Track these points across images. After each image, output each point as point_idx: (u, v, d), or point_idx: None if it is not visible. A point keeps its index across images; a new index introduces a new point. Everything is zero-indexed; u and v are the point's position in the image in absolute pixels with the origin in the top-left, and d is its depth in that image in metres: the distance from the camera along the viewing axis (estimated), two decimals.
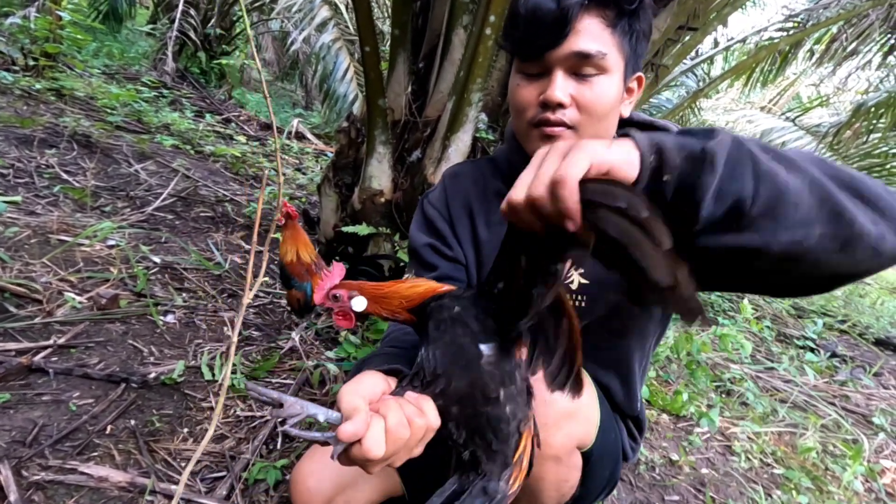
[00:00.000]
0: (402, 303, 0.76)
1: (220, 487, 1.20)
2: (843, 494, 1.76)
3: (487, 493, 0.67)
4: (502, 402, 0.67)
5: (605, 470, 0.99)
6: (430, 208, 1.11)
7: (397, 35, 2.18)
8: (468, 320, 0.70)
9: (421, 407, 0.63)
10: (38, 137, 3.00)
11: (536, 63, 0.88)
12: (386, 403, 0.61)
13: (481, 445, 0.67)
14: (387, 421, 0.59)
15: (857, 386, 2.84)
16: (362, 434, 0.56)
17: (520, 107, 0.93)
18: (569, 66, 0.86)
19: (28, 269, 1.78)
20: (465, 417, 0.66)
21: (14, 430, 1.19)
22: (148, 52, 7.03)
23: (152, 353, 1.61)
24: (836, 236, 0.57)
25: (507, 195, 0.58)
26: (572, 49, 0.84)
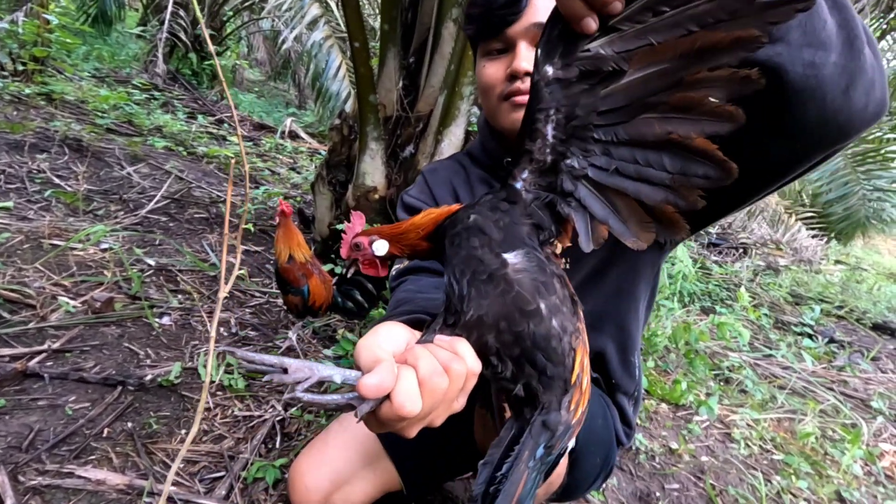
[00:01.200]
0: (418, 233, 0.70)
1: (219, 487, 1.20)
2: (842, 478, 1.77)
3: (549, 428, 0.58)
4: (545, 315, 0.57)
5: (596, 457, 0.98)
6: (412, 199, 1.12)
7: (387, 30, 2.17)
8: (487, 228, 0.61)
9: (455, 350, 0.53)
10: (29, 142, 2.98)
11: (498, 39, 0.91)
12: (414, 352, 0.51)
13: (533, 374, 0.57)
14: (418, 371, 0.49)
15: (855, 371, 2.86)
16: (390, 386, 0.47)
17: (488, 85, 0.95)
18: (530, 37, 0.89)
19: (21, 274, 1.77)
20: (505, 345, 0.56)
21: (10, 435, 1.18)
22: (138, 54, 6.98)
23: (148, 356, 1.60)
24: (845, 68, 0.57)
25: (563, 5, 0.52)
26: (532, 21, 0.87)
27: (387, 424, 0.49)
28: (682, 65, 0.50)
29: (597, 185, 0.58)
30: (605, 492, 1.49)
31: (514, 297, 0.57)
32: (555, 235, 0.62)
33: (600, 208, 0.58)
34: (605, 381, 1.08)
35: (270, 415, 1.47)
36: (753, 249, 5.53)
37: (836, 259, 6.55)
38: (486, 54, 0.95)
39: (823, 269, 5.83)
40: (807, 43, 0.55)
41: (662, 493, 1.55)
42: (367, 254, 0.73)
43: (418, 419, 0.50)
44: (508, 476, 0.56)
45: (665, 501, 1.51)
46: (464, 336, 0.56)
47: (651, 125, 0.53)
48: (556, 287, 0.59)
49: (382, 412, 0.48)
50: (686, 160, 0.52)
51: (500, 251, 0.59)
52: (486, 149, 1.08)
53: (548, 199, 0.61)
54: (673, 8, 0.49)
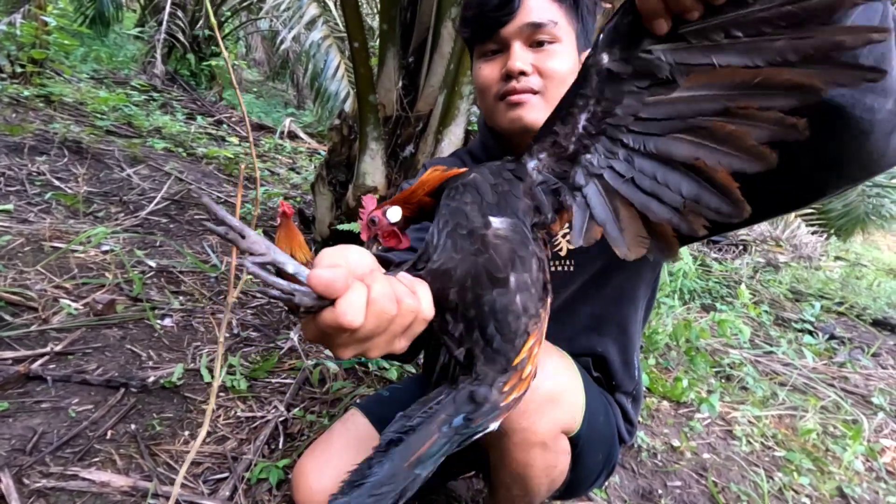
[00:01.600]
0: (424, 190, 0.70)
1: (222, 489, 1.20)
2: (843, 474, 1.78)
3: (475, 401, 0.56)
4: (511, 289, 0.56)
5: (598, 454, 0.99)
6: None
7: (386, 30, 2.17)
8: (482, 188, 0.60)
9: (414, 289, 0.52)
10: (28, 145, 2.98)
11: (493, 41, 0.93)
12: (373, 274, 0.50)
13: (479, 341, 0.56)
14: (370, 290, 0.47)
15: (855, 367, 2.86)
16: (339, 289, 0.45)
17: (484, 86, 0.97)
18: (524, 38, 0.92)
19: (22, 277, 1.77)
20: (464, 304, 0.55)
21: (14, 438, 1.18)
22: (136, 55, 6.97)
23: (151, 357, 1.60)
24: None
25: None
26: (524, 21, 0.90)
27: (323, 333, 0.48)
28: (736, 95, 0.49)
29: (607, 187, 0.58)
30: (608, 489, 1.49)
31: (486, 260, 0.56)
32: (549, 221, 0.62)
33: (602, 211, 0.58)
34: (606, 381, 1.09)
35: (273, 415, 1.48)
36: (753, 246, 5.53)
37: (835, 255, 6.55)
38: (482, 56, 0.97)
39: (823, 265, 5.84)
40: (871, 88, 0.57)
41: (665, 490, 1.55)
42: (384, 224, 0.72)
43: (355, 339, 0.48)
44: (416, 429, 0.56)
45: (667, 499, 1.51)
46: (427, 281, 0.55)
47: (682, 146, 0.52)
48: (532, 266, 0.58)
49: (323, 316, 0.46)
50: (703, 189, 0.52)
51: (487, 213, 0.58)
52: (486, 148, 1.09)
53: (555, 185, 0.61)
54: (747, 35, 0.48)
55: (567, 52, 0.94)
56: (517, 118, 0.94)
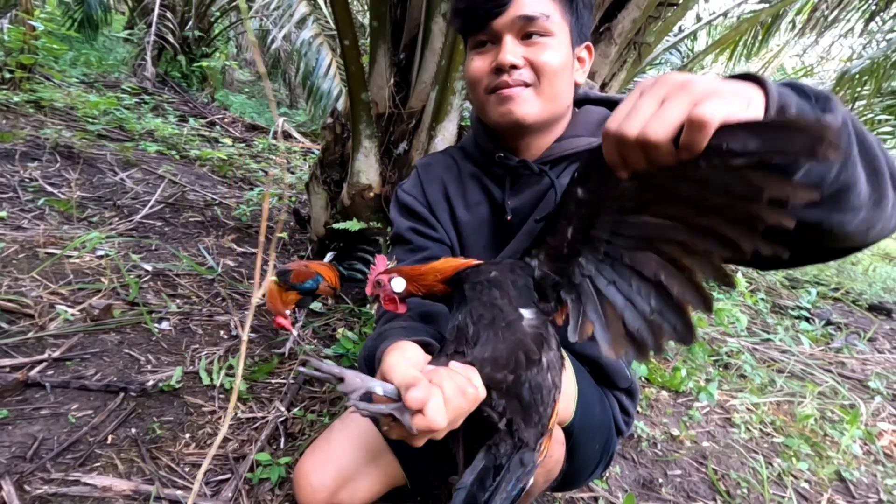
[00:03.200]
0: (436, 276, 0.79)
1: (225, 489, 1.20)
2: (842, 458, 1.79)
3: (524, 464, 0.67)
4: (544, 367, 0.67)
5: (594, 443, 0.99)
6: (406, 196, 1.13)
7: (376, 27, 2.16)
8: (505, 284, 0.71)
9: (470, 378, 0.61)
10: (20, 151, 2.96)
11: (484, 32, 0.92)
12: (438, 373, 0.60)
13: (520, 413, 0.66)
14: (443, 391, 0.57)
15: (852, 352, 2.88)
16: (428, 401, 0.55)
17: (475, 79, 0.96)
18: (516, 30, 0.91)
19: (18, 284, 1.77)
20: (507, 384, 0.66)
21: (14, 445, 1.18)
22: (126, 58, 6.92)
23: (149, 361, 1.60)
24: (871, 220, 0.61)
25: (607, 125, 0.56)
26: (516, 13, 0.89)
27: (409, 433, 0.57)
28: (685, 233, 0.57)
29: (596, 288, 0.67)
30: (608, 479, 1.50)
31: (523, 346, 0.66)
32: (552, 311, 0.72)
33: (592, 310, 0.66)
34: (600, 378, 1.09)
35: (273, 416, 1.48)
36: None
37: None
38: (474, 47, 0.96)
39: None
40: (839, 210, 0.59)
41: (665, 479, 1.56)
42: (388, 290, 0.82)
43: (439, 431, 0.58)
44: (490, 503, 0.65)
45: (668, 487, 1.52)
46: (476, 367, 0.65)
47: (650, 262, 0.61)
48: (553, 347, 0.69)
49: (416, 422, 0.56)
50: (666, 305, 0.60)
51: (517, 305, 0.70)
52: (477, 144, 1.09)
53: (555, 281, 0.71)
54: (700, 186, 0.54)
55: (560, 46, 0.93)
56: (508, 112, 0.94)
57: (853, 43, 5.85)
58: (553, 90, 0.94)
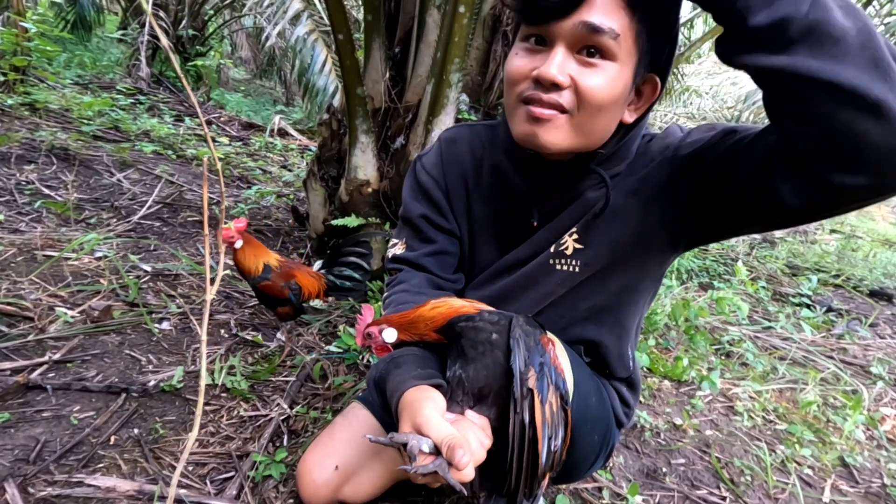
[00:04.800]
0: (427, 325, 0.81)
1: (229, 488, 1.20)
2: (845, 444, 1.79)
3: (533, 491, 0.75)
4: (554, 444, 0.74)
5: (593, 434, 0.98)
6: (425, 175, 1.06)
7: (370, 21, 2.14)
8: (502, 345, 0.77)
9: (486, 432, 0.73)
10: (16, 154, 2.95)
11: (539, 27, 0.77)
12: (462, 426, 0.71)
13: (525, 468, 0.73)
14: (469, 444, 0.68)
15: (853, 338, 2.88)
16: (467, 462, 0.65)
17: (512, 78, 0.82)
18: (574, 40, 0.75)
19: (16, 287, 1.76)
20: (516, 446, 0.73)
21: (16, 448, 1.18)
22: (120, 59, 6.89)
23: (150, 362, 1.60)
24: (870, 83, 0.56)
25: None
26: (582, 19, 0.73)
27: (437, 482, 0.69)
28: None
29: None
30: (612, 469, 1.50)
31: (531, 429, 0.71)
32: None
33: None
34: (598, 367, 1.08)
35: (276, 413, 1.48)
36: None
37: (831, 228, 6.57)
38: (523, 39, 0.81)
39: (819, 238, 5.86)
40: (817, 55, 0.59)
41: (669, 468, 1.56)
42: (379, 341, 0.84)
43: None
44: None
45: (672, 476, 1.52)
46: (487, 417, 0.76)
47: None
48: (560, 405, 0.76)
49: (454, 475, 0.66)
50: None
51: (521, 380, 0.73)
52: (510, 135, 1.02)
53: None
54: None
55: (619, 74, 0.77)
56: (532, 134, 0.81)
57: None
58: (591, 126, 0.81)
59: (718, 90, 7.90)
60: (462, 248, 1.08)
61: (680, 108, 8.55)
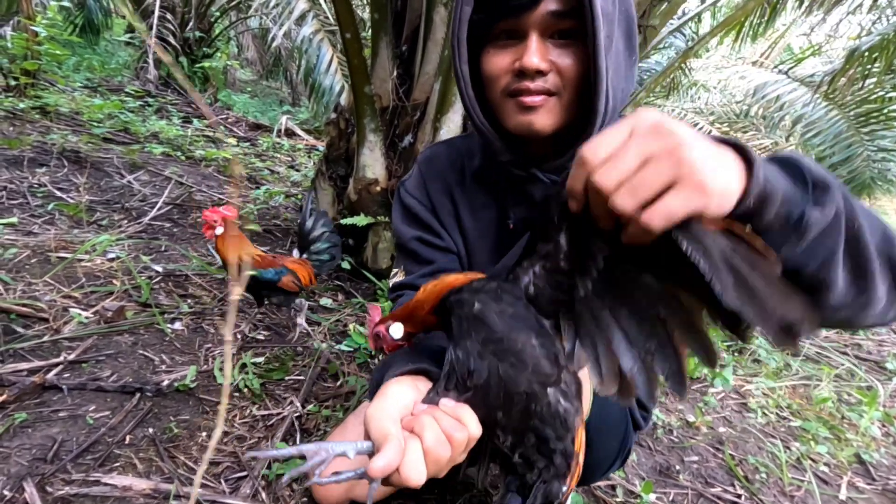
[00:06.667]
0: (423, 310, 0.75)
1: (243, 487, 1.21)
2: (861, 441, 1.77)
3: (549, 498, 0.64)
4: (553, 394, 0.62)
5: (612, 440, 0.98)
6: (409, 198, 1.06)
7: (377, 19, 2.14)
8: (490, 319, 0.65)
9: (460, 417, 0.59)
10: (28, 157, 2.98)
11: (509, 22, 0.80)
12: (420, 421, 0.57)
13: (535, 446, 0.62)
14: (423, 441, 0.55)
15: (868, 333, 2.85)
16: (395, 463, 0.53)
17: (491, 76, 0.84)
18: (544, 28, 0.79)
19: (31, 288, 1.78)
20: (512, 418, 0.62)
21: (34, 447, 1.19)
22: (128, 61, 6.95)
23: (163, 361, 1.61)
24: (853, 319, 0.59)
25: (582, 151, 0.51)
26: (549, 8, 0.77)
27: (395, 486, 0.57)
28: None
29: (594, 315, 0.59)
30: (626, 468, 1.50)
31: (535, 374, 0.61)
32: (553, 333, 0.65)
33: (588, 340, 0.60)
34: None
35: (289, 411, 1.48)
36: None
37: None
38: (493, 39, 0.84)
39: None
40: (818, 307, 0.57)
41: (682, 465, 1.55)
42: (389, 340, 0.80)
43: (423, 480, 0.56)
44: None
45: (685, 474, 1.51)
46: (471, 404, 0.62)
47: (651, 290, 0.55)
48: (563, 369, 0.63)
49: (392, 480, 0.55)
50: (662, 347, 0.54)
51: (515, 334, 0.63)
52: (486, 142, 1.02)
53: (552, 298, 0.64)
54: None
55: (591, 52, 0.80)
56: (527, 123, 0.83)
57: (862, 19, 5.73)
58: (575, 100, 0.83)
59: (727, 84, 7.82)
60: (461, 262, 1.07)
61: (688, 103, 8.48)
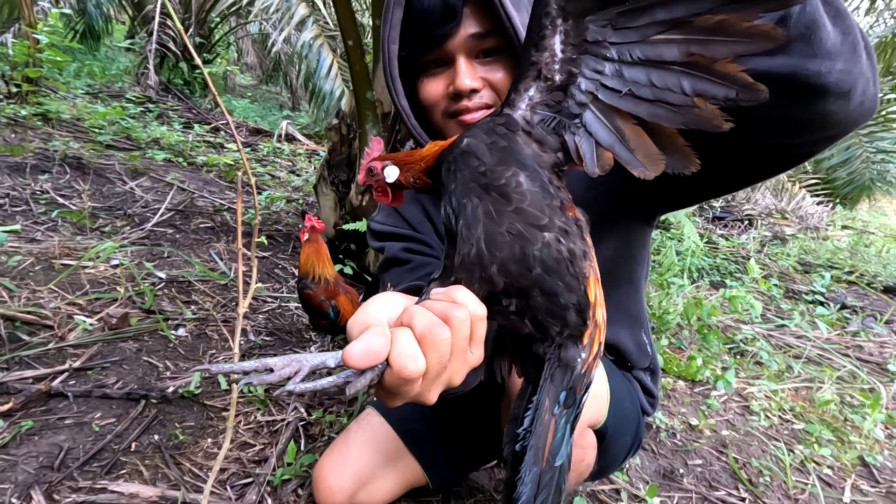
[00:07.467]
0: (421, 165, 0.69)
1: (249, 493, 1.21)
2: (864, 443, 1.78)
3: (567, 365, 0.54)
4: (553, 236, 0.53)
5: (626, 437, 0.99)
6: (383, 226, 1.08)
7: (378, 25, 2.15)
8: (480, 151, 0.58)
9: (454, 297, 0.50)
10: (30, 164, 2.99)
11: (436, 52, 0.86)
12: (407, 311, 0.48)
13: (542, 303, 0.52)
14: (414, 328, 0.46)
15: (869, 335, 2.85)
16: (379, 351, 0.44)
17: (430, 103, 0.90)
18: (468, 51, 0.85)
19: (36, 296, 1.79)
20: (511, 276, 0.52)
21: (41, 455, 1.20)
22: (129, 67, 6.97)
23: (168, 368, 1.62)
24: (850, 73, 0.57)
25: None
26: (469, 32, 0.83)
27: (398, 393, 0.46)
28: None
29: (606, 108, 0.54)
30: (629, 471, 1.50)
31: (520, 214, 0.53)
32: (562, 161, 0.58)
33: (606, 135, 0.54)
34: (621, 363, 1.09)
35: (293, 417, 1.49)
36: (759, 220, 5.50)
37: (842, 224, 6.50)
38: (424, 69, 0.90)
39: (831, 234, 5.80)
40: (813, 54, 0.56)
41: (686, 469, 1.56)
42: (380, 179, 0.73)
43: (431, 378, 0.47)
44: (533, 430, 0.53)
45: (689, 477, 1.52)
46: (464, 278, 0.53)
47: (671, 47, 0.49)
48: (561, 209, 0.55)
49: (386, 379, 0.45)
50: (707, 82, 0.48)
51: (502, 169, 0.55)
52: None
53: (554, 121, 0.57)
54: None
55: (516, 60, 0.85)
56: None
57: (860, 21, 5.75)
58: None
59: None
60: None
61: None
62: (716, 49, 0.47)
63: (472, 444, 1.21)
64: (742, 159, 0.73)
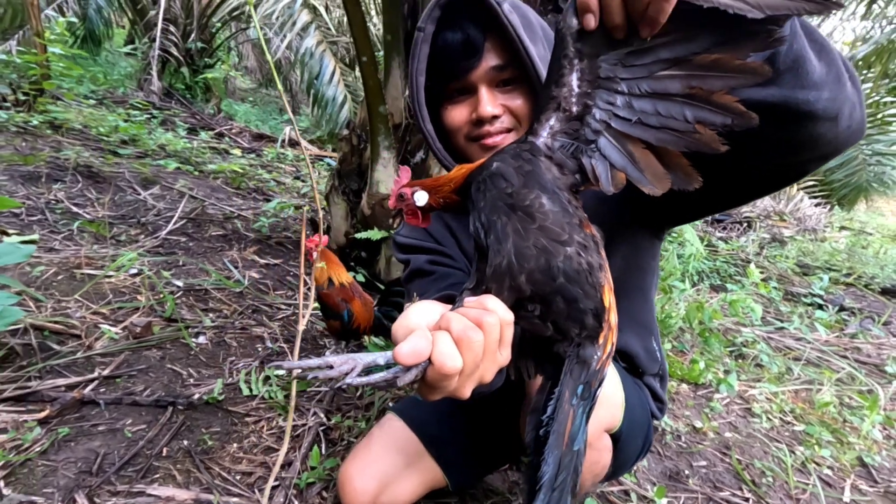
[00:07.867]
0: (450, 187, 0.76)
1: (277, 495, 1.27)
2: (863, 444, 1.84)
3: (585, 362, 0.61)
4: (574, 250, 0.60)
5: (638, 440, 1.05)
6: (408, 239, 1.13)
7: (389, 40, 2.21)
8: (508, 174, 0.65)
9: (485, 305, 0.56)
10: (44, 173, 3.04)
11: (461, 81, 0.95)
12: (445, 317, 0.55)
13: (563, 309, 0.60)
14: (451, 331, 0.53)
15: (867, 337, 2.92)
16: (424, 350, 0.51)
17: (453, 128, 1.00)
18: (490, 81, 0.95)
19: (62, 305, 1.84)
20: (536, 284, 0.59)
21: (79, 461, 1.25)
22: (130, 72, 7.01)
23: (191, 375, 1.67)
24: (835, 101, 0.64)
25: None
26: (490, 65, 0.93)
27: (438, 387, 0.53)
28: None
29: (618, 134, 0.62)
30: (636, 473, 1.56)
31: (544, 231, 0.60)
32: (579, 183, 0.65)
33: (618, 157, 0.62)
34: (632, 369, 1.14)
35: (314, 422, 1.55)
36: (757, 222, 5.57)
37: (840, 225, 6.58)
38: (448, 98, 0.99)
39: (829, 236, 5.87)
40: (801, 85, 0.63)
41: (691, 470, 1.62)
42: (411, 204, 0.80)
43: (466, 375, 0.54)
44: (555, 417, 0.60)
45: (695, 479, 1.58)
46: (493, 286, 0.60)
47: (674, 81, 0.58)
48: (580, 226, 0.63)
49: (429, 375, 0.52)
50: (706, 111, 0.57)
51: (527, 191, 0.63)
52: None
53: (573, 147, 0.65)
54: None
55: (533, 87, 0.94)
56: None
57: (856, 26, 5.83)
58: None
59: None
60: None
61: None
62: (713, 83, 0.56)
63: (488, 446, 1.27)
64: (741, 177, 0.80)
